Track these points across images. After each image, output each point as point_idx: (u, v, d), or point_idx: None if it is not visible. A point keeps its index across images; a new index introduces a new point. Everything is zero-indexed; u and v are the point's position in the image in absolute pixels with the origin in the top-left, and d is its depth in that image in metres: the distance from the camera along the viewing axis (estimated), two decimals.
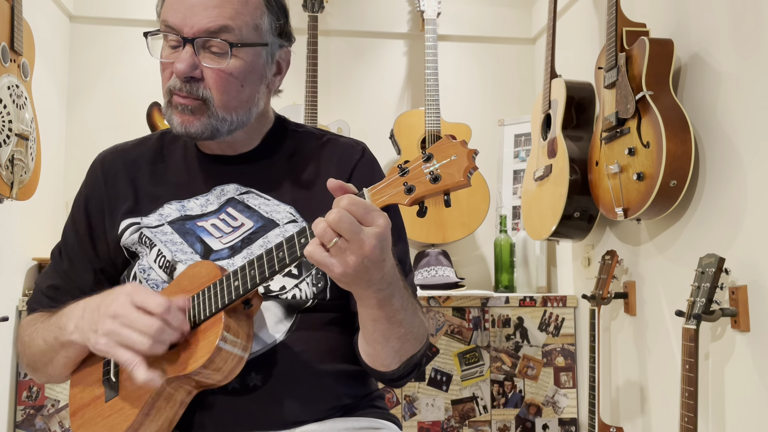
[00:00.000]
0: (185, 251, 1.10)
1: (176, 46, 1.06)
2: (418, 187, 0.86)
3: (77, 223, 1.18)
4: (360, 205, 0.85)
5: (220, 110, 1.07)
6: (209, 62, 1.05)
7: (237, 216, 1.12)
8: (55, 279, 1.18)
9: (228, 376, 0.98)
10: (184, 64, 1.03)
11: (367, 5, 3.03)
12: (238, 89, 1.08)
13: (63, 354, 1.06)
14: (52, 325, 1.06)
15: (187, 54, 1.04)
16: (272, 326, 1.06)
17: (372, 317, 0.96)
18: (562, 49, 2.56)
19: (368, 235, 0.84)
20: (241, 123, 1.11)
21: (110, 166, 1.20)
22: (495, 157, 2.95)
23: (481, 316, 2.46)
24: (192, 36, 1.04)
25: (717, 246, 1.70)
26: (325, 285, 1.10)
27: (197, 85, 1.05)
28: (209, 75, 1.05)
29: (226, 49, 1.04)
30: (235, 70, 1.06)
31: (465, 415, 2.41)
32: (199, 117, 1.07)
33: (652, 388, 2.03)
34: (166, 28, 1.06)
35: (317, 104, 2.72)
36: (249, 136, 1.17)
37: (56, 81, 2.69)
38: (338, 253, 0.85)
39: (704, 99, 1.78)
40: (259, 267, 0.93)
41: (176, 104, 1.07)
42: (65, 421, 2.25)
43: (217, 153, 1.18)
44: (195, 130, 1.07)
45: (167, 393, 0.98)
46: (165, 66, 1.08)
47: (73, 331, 1.00)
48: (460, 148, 0.85)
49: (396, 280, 0.94)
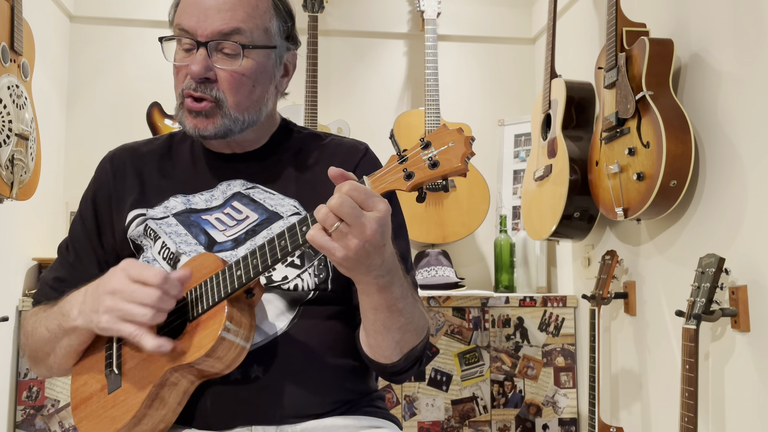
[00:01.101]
0: (189, 243, 1.12)
1: (190, 49, 1.11)
2: (417, 174, 0.88)
3: (84, 217, 1.21)
4: (361, 191, 0.87)
5: (233, 110, 1.11)
6: (222, 64, 1.09)
7: (242, 209, 1.15)
8: (61, 272, 1.20)
9: (230, 366, 0.99)
10: (199, 66, 1.08)
11: (367, 5, 3.03)
12: (250, 89, 1.12)
13: (66, 342, 1.06)
14: (55, 312, 1.07)
15: (201, 56, 1.08)
16: (274, 318, 1.07)
17: (372, 305, 0.98)
18: (562, 49, 2.56)
19: (369, 219, 0.86)
20: (251, 122, 1.15)
21: (119, 162, 1.23)
22: (495, 157, 2.95)
23: (481, 316, 2.46)
24: (206, 39, 1.08)
25: (717, 246, 1.70)
26: (326, 276, 1.12)
27: (211, 86, 1.10)
28: (222, 76, 1.09)
29: (238, 50, 1.09)
30: (247, 70, 1.11)
31: (465, 415, 2.41)
32: (212, 120, 1.10)
33: (652, 388, 2.03)
34: (180, 32, 1.11)
35: (317, 104, 2.72)
36: (257, 135, 1.21)
37: (56, 81, 2.69)
38: (340, 237, 0.87)
39: (704, 99, 1.78)
40: (261, 255, 0.95)
41: (190, 109, 1.11)
42: (65, 421, 2.25)
43: (225, 151, 1.21)
44: (208, 132, 1.11)
45: (170, 383, 0.99)
46: (179, 69, 1.12)
47: (77, 316, 1.01)
48: (456, 135, 0.87)
49: (396, 268, 0.96)
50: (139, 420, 0.99)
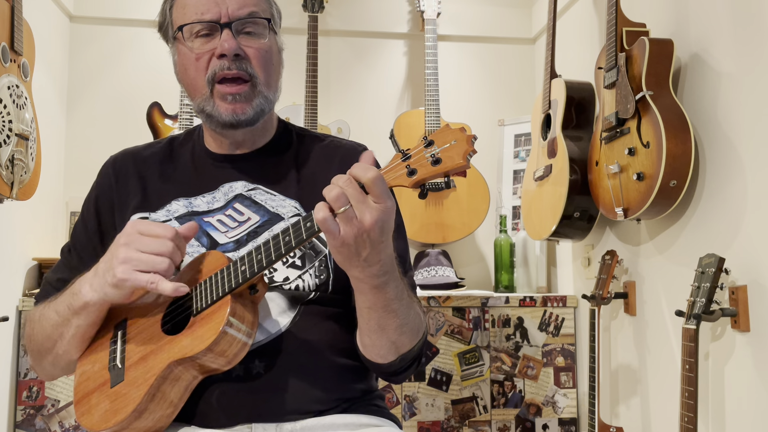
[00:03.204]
0: (192, 244, 1.13)
1: (208, 34, 1.11)
2: (420, 170, 0.89)
3: (87, 221, 1.22)
4: (370, 171, 0.88)
5: (264, 88, 1.14)
6: (248, 42, 1.12)
7: (243, 211, 1.16)
8: (65, 273, 1.20)
9: (232, 361, 0.99)
10: (231, 41, 1.09)
11: (367, 5, 3.03)
12: (275, 66, 1.16)
13: (75, 322, 1.05)
14: (66, 295, 1.07)
15: (228, 35, 1.09)
16: (276, 316, 1.08)
17: (367, 304, 0.99)
18: (562, 49, 2.56)
19: (371, 207, 0.87)
20: (271, 105, 1.17)
21: (121, 166, 1.23)
22: (495, 157, 2.95)
23: (481, 316, 2.46)
24: (228, 20, 1.10)
25: (717, 246, 1.70)
26: (327, 278, 1.13)
27: (245, 63, 1.11)
28: (251, 53, 1.12)
29: (261, 29, 1.13)
30: (270, 47, 1.15)
31: (465, 415, 2.41)
32: (250, 102, 1.12)
33: (651, 388, 2.03)
34: (199, 23, 1.11)
35: (317, 104, 2.72)
36: (261, 132, 1.22)
37: (56, 81, 2.69)
38: (344, 221, 0.88)
39: (704, 99, 1.78)
40: (266, 251, 0.97)
41: (226, 93, 1.11)
42: (65, 420, 2.25)
43: (226, 152, 1.22)
44: (247, 116, 1.12)
45: (172, 377, 0.99)
46: (200, 56, 1.12)
47: (89, 290, 1.02)
48: (459, 133, 0.89)
49: (393, 270, 0.97)
50: (140, 413, 0.99)
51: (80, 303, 1.03)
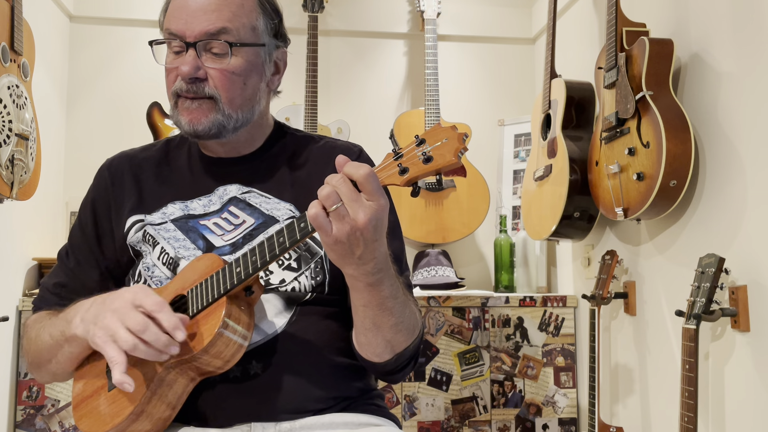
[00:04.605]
0: (188, 247, 1.13)
1: (179, 51, 1.12)
2: (411, 169, 0.90)
3: (84, 224, 1.22)
4: (362, 168, 0.88)
5: (227, 107, 1.12)
6: (211, 63, 1.11)
7: (239, 214, 1.16)
8: (62, 277, 1.20)
9: (228, 363, 1.00)
10: (189, 66, 1.10)
11: (367, 5, 3.03)
12: (242, 87, 1.13)
13: (67, 349, 1.06)
14: (60, 319, 1.08)
15: (190, 57, 1.10)
16: (273, 317, 1.09)
17: (362, 302, 1.00)
18: (562, 49, 2.56)
19: (364, 205, 0.88)
20: (245, 121, 1.16)
21: (117, 169, 1.24)
22: (495, 157, 2.95)
23: (481, 316, 2.46)
24: (194, 39, 1.10)
25: (717, 246, 1.70)
26: (323, 279, 1.13)
27: (202, 85, 1.11)
28: (213, 74, 1.11)
29: (226, 49, 1.11)
30: (237, 68, 1.12)
31: (465, 415, 2.41)
32: (206, 113, 1.12)
33: (651, 388, 2.03)
34: (169, 35, 1.13)
35: (317, 104, 2.72)
36: (252, 137, 1.22)
37: (56, 81, 2.69)
38: (336, 218, 0.88)
39: (704, 99, 1.78)
40: (260, 252, 0.97)
41: (183, 106, 1.12)
42: (65, 420, 2.25)
43: (220, 156, 1.22)
44: (203, 127, 1.12)
45: (169, 379, 1.00)
46: (169, 71, 1.14)
47: (78, 324, 1.01)
48: (450, 131, 0.89)
49: (387, 268, 0.97)
50: (137, 416, 0.99)
51: (70, 334, 1.03)
